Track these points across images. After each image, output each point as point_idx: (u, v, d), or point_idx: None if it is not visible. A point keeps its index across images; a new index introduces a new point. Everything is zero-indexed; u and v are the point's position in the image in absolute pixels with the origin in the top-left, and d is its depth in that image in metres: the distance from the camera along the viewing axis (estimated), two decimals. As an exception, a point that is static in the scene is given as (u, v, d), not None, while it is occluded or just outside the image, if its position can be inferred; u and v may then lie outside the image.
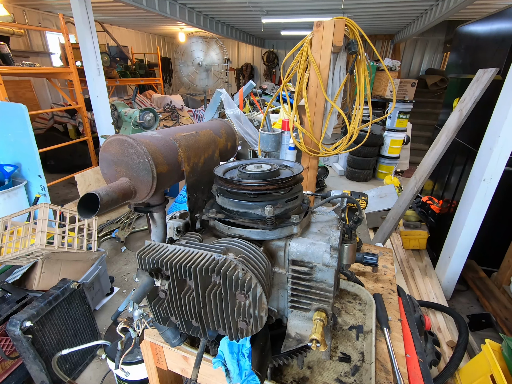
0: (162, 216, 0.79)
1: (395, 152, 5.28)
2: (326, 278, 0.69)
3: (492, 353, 1.45)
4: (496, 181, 2.14)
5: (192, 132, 0.82)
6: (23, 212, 2.20)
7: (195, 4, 5.87)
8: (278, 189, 0.70)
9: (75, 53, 3.99)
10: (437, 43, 8.99)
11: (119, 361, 0.81)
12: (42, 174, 2.91)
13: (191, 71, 5.02)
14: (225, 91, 3.40)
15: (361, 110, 2.06)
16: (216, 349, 0.79)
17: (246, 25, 8.23)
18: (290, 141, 2.37)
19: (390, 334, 0.99)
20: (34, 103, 6.40)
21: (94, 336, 2.04)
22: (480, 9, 5.57)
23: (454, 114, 2.52)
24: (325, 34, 1.94)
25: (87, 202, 0.57)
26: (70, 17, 4.30)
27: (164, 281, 0.64)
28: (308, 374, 0.88)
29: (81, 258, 2.24)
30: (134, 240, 3.41)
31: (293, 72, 2.16)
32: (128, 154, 0.66)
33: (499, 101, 2.08)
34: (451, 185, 3.00)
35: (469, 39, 3.16)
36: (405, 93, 5.72)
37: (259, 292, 0.59)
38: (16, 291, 1.86)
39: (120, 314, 1.68)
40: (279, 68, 11.32)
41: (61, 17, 3.69)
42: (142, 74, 7.29)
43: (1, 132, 2.87)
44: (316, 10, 6.13)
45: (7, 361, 1.72)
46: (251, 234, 0.70)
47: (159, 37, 11.42)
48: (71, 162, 4.95)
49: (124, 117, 3.15)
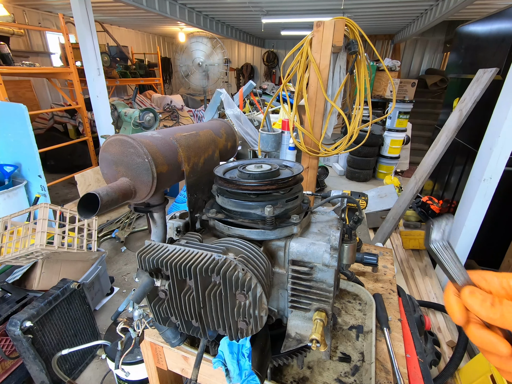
0: (162, 216, 0.79)
1: (395, 152, 5.28)
2: (326, 278, 0.69)
3: (492, 353, 1.44)
4: (496, 181, 2.13)
5: (192, 132, 0.82)
6: (23, 212, 2.20)
7: (195, 4, 5.87)
8: (278, 189, 0.70)
9: (75, 53, 3.99)
10: (437, 43, 8.99)
11: (119, 361, 0.81)
12: (42, 174, 2.91)
13: (191, 71, 5.02)
14: (225, 91, 3.40)
15: (361, 110, 2.06)
16: (216, 349, 0.79)
17: (246, 25, 8.23)
18: (290, 141, 2.37)
19: (390, 334, 0.99)
20: (34, 103, 6.40)
21: (94, 336, 2.04)
22: (480, 9, 5.57)
23: (454, 114, 2.52)
24: (325, 34, 1.94)
25: (87, 202, 0.57)
26: (70, 17, 4.30)
27: (164, 281, 0.64)
28: (308, 374, 0.88)
29: (81, 258, 2.24)
30: (134, 240, 3.41)
31: (293, 72, 2.16)
32: (128, 154, 0.66)
33: (499, 101, 2.08)
34: (451, 185, 3.00)
35: (469, 39, 3.16)
36: (405, 93, 5.72)
37: (259, 292, 0.59)
38: (16, 291, 1.86)
39: (120, 314, 1.68)
40: (279, 68, 11.32)
41: (61, 17, 3.69)
42: (142, 74, 7.29)
43: (1, 132, 2.87)
44: (316, 10, 6.13)
45: (7, 361, 1.72)
46: (251, 234, 0.70)
47: (159, 37, 11.42)
48: (71, 162, 4.94)
49: (124, 117, 3.15)
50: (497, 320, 0.34)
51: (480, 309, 0.35)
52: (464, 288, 0.37)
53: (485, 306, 0.34)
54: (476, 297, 0.35)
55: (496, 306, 0.34)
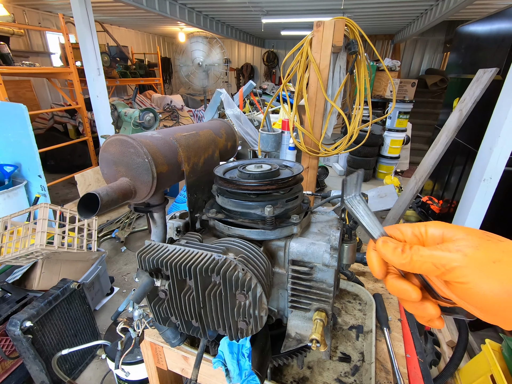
0: (162, 216, 0.79)
1: (395, 152, 5.28)
2: (326, 278, 0.69)
3: (492, 353, 1.45)
4: (496, 181, 2.13)
5: (192, 132, 0.82)
6: (23, 212, 2.20)
7: (195, 4, 5.87)
8: (278, 189, 0.70)
9: (75, 53, 3.99)
10: (437, 43, 8.99)
11: (119, 361, 0.81)
12: (42, 174, 2.91)
13: (191, 71, 5.02)
14: (225, 91, 3.40)
15: (361, 110, 2.06)
16: (216, 349, 0.79)
17: (246, 25, 8.23)
18: (290, 141, 2.37)
19: (390, 334, 0.99)
20: (34, 103, 6.40)
21: (94, 336, 2.04)
22: (480, 9, 5.57)
23: (454, 114, 2.52)
24: (325, 34, 1.93)
25: (87, 202, 0.57)
26: (70, 17, 4.30)
27: (164, 281, 0.64)
28: (308, 374, 0.88)
29: (81, 258, 2.24)
30: (134, 240, 3.41)
31: (293, 72, 2.16)
32: (128, 154, 0.66)
33: (499, 101, 2.08)
34: (451, 185, 3.00)
35: (469, 39, 3.16)
36: (405, 93, 5.72)
37: (259, 292, 0.59)
38: (16, 291, 1.86)
39: (120, 314, 1.68)
40: (279, 68, 11.32)
41: (61, 17, 3.69)
42: (142, 74, 7.29)
43: (1, 132, 2.87)
44: (316, 10, 6.13)
45: (7, 361, 1.72)
46: (251, 234, 0.70)
47: (159, 37, 11.42)
48: (71, 162, 4.94)
49: (124, 117, 3.15)
50: (407, 265, 0.35)
51: (392, 257, 0.36)
52: (378, 240, 0.38)
53: (396, 253, 0.35)
54: (388, 245, 0.36)
55: (406, 252, 0.35)
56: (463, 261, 0.31)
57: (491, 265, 0.30)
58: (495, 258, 0.30)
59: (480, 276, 0.30)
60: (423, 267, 0.33)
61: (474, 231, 0.34)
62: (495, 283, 0.29)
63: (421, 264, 0.33)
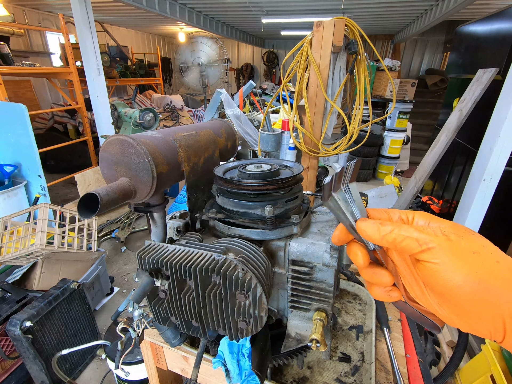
0: (162, 216, 0.79)
1: (395, 152, 5.28)
2: (326, 278, 0.69)
3: (492, 353, 1.45)
4: (496, 181, 2.14)
5: (192, 132, 0.82)
6: (23, 212, 2.20)
7: (195, 4, 5.87)
8: (278, 189, 0.70)
9: (75, 53, 3.99)
10: (437, 43, 8.99)
11: (119, 361, 0.81)
12: (42, 174, 2.91)
13: (191, 71, 5.02)
14: (225, 91, 3.40)
15: (361, 110, 2.06)
16: (216, 349, 0.79)
17: (246, 25, 8.23)
18: (290, 141, 2.37)
19: (390, 334, 0.99)
20: (34, 103, 6.40)
21: (94, 336, 2.04)
22: (480, 9, 5.57)
23: (454, 114, 2.52)
24: (325, 34, 1.93)
25: (87, 202, 0.57)
26: (70, 17, 4.30)
27: (164, 281, 0.64)
28: (308, 374, 0.88)
29: (81, 258, 2.24)
30: (134, 240, 3.41)
31: (293, 72, 2.16)
32: (128, 154, 0.66)
33: (499, 101, 2.08)
34: (451, 185, 3.00)
35: (469, 39, 3.16)
36: (405, 93, 5.72)
37: (259, 292, 0.59)
38: (16, 291, 1.86)
39: (120, 314, 1.67)
40: (279, 68, 11.32)
41: (61, 17, 3.69)
42: (142, 74, 7.29)
43: (1, 132, 2.87)
44: (316, 10, 6.13)
45: (7, 361, 1.72)
46: (251, 234, 0.70)
47: (159, 37, 11.42)
48: (71, 162, 4.95)
49: (124, 117, 3.15)
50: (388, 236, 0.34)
51: (371, 232, 0.35)
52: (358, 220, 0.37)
53: (375, 226, 0.35)
54: (368, 221, 0.36)
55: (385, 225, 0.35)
56: (445, 244, 0.31)
57: (471, 254, 0.30)
58: (476, 249, 0.31)
59: (457, 262, 0.30)
60: (404, 242, 0.33)
61: (460, 225, 0.35)
62: (471, 273, 0.29)
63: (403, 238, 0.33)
